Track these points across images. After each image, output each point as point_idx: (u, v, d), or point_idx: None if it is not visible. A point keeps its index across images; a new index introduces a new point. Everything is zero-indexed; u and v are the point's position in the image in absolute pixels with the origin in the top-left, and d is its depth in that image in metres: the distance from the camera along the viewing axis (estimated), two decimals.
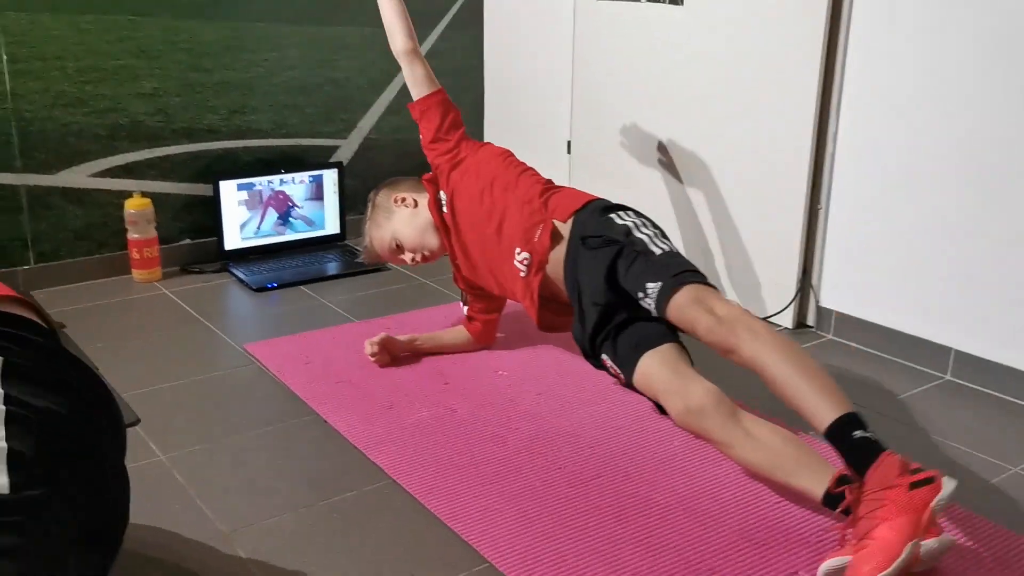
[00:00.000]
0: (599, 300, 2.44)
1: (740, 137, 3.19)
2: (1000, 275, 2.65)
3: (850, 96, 2.92)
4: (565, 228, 2.56)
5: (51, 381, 1.47)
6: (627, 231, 2.45)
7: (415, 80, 2.82)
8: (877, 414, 2.58)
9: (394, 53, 2.83)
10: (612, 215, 2.52)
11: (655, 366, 2.30)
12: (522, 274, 2.60)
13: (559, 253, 2.55)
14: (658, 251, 2.39)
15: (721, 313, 2.18)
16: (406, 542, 1.99)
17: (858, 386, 2.76)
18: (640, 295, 2.34)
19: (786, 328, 3.17)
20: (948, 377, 2.82)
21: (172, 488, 2.17)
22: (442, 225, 2.77)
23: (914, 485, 1.77)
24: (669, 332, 2.40)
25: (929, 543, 1.75)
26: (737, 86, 3.17)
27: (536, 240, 2.57)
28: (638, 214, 2.54)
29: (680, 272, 2.31)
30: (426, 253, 2.82)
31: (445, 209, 2.75)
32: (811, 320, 3.19)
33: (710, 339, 2.18)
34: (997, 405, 2.66)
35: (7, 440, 1.31)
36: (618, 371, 2.43)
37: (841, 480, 1.93)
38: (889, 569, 1.68)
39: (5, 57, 3.24)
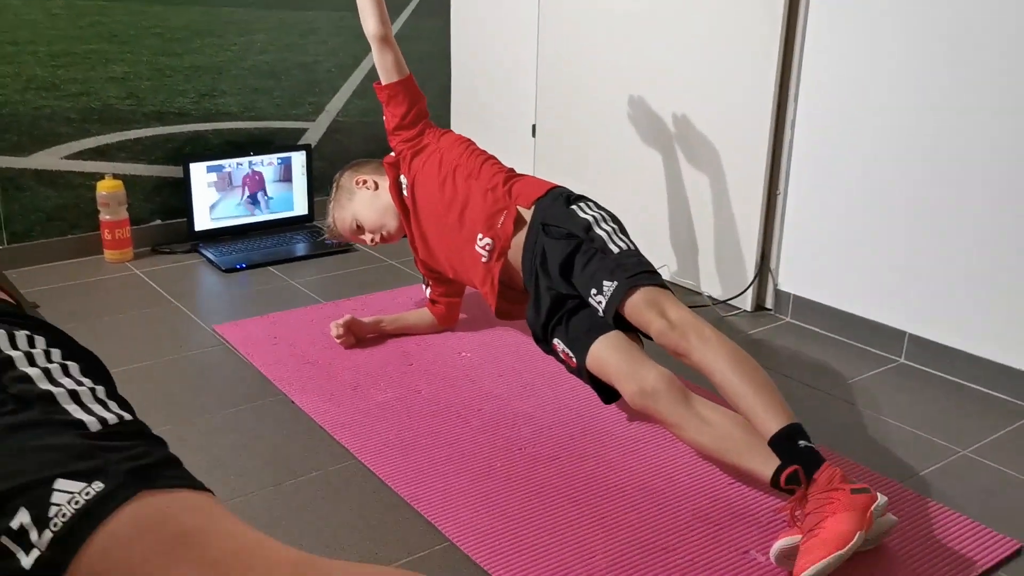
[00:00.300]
0: (553, 286, 2.50)
1: (700, 123, 3.26)
2: (953, 261, 2.73)
3: (807, 84, 2.98)
4: (527, 214, 2.62)
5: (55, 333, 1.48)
6: (587, 226, 2.49)
7: (385, 66, 2.86)
8: (832, 396, 2.67)
9: (367, 36, 2.86)
10: (574, 207, 2.56)
11: (608, 350, 2.36)
12: (483, 259, 2.66)
13: (520, 239, 2.61)
14: (616, 250, 2.44)
15: (673, 318, 2.25)
16: (370, 521, 2.06)
17: (814, 368, 2.84)
18: (593, 291, 2.39)
19: (745, 311, 3.25)
20: (902, 360, 2.90)
21: None
22: (401, 208, 2.83)
23: (855, 491, 1.88)
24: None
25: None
26: (697, 73, 3.24)
27: (499, 227, 2.63)
28: (599, 207, 2.59)
29: (636, 273, 2.37)
30: (384, 234, 2.88)
31: (405, 192, 2.81)
32: (769, 303, 3.27)
33: (662, 342, 2.26)
34: (949, 388, 2.74)
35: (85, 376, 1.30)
36: (569, 355, 2.46)
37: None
38: (843, 550, 1.78)
39: None
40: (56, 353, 1.29)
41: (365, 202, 2.88)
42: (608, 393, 2.44)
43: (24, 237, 3.49)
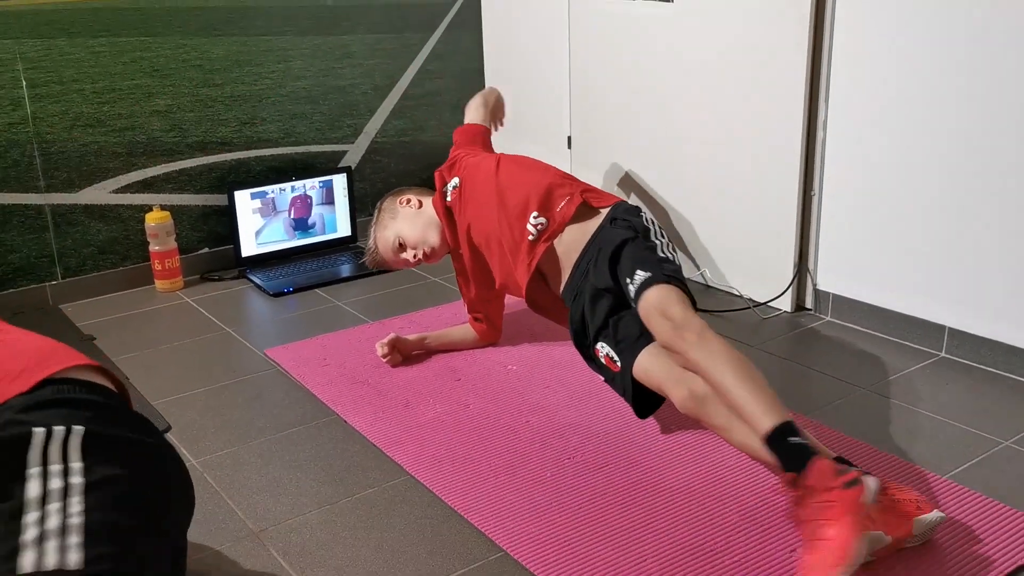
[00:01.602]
0: (598, 279, 2.54)
1: (732, 127, 3.30)
2: (991, 253, 2.75)
3: (837, 83, 3.01)
4: (597, 215, 2.69)
5: (128, 451, 1.48)
6: (647, 231, 2.59)
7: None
8: (875, 393, 2.69)
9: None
10: (644, 213, 2.68)
11: (658, 357, 2.39)
12: (531, 237, 2.70)
13: (577, 234, 2.66)
14: (660, 255, 2.52)
15: (677, 318, 2.29)
16: (425, 534, 2.12)
17: (856, 365, 2.87)
18: (628, 280, 2.45)
19: (785, 311, 3.28)
20: (943, 354, 2.92)
21: (205, 491, 2.30)
22: (445, 216, 2.90)
23: (847, 484, 1.86)
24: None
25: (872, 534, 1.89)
26: (728, 78, 3.27)
27: (558, 209, 2.69)
28: (662, 231, 2.66)
29: (670, 274, 2.42)
30: (427, 250, 2.93)
31: (450, 197, 2.87)
32: (809, 303, 3.30)
33: (662, 339, 2.31)
34: (990, 380, 2.75)
35: (84, 515, 1.33)
36: (614, 360, 2.49)
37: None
38: (850, 562, 1.78)
39: (25, 83, 3.37)
40: (75, 469, 1.34)
41: (408, 218, 2.95)
42: (642, 406, 2.48)
43: (77, 271, 3.60)
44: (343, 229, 4.07)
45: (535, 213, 2.70)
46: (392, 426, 2.58)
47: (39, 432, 1.38)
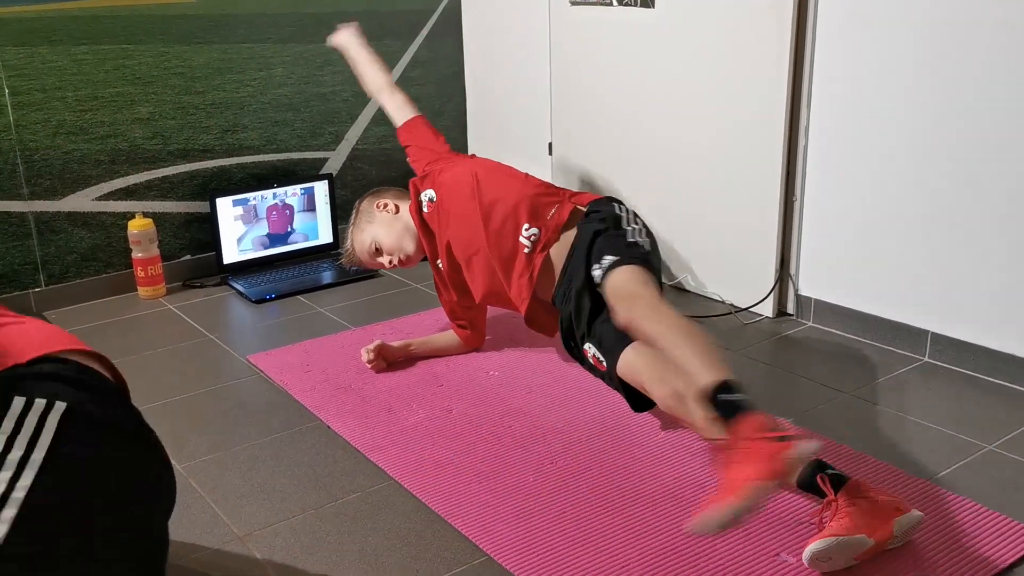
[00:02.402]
0: (581, 282, 2.56)
1: (715, 134, 3.32)
2: (973, 259, 2.77)
3: (819, 89, 3.04)
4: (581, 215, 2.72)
5: (108, 435, 1.46)
6: (619, 219, 2.62)
7: (397, 106, 3.06)
8: (858, 398, 2.71)
9: (371, 94, 3.05)
10: (616, 204, 2.70)
11: (642, 356, 2.40)
12: (526, 250, 2.71)
13: (569, 237, 2.68)
14: (629, 240, 2.55)
15: (635, 294, 2.32)
16: (409, 539, 2.12)
17: (839, 370, 2.89)
18: (595, 265, 2.47)
19: (767, 317, 3.30)
20: (926, 359, 2.94)
21: (190, 495, 2.30)
22: (421, 226, 2.91)
23: (772, 440, 1.88)
24: None
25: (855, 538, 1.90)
26: (710, 84, 3.30)
27: (549, 218, 2.70)
28: (636, 217, 2.69)
29: (634, 256, 2.46)
30: (402, 257, 2.96)
31: (426, 209, 2.88)
32: (791, 308, 3.32)
33: (620, 318, 2.33)
34: (973, 384, 2.78)
35: (28, 491, 1.31)
36: (600, 360, 2.52)
37: (814, 466, 2.07)
38: (742, 501, 1.80)
39: (7, 90, 3.36)
40: (42, 443, 1.33)
41: (385, 224, 2.96)
42: (638, 401, 2.49)
43: (61, 278, 3.59)
44: (324, 236, 4.07)
45: (526, 224, 2.71)
46: (375, 431, 2.58)
47: (19, 401, 1.38)
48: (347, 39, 3.24)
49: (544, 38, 3.91)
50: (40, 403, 1.39)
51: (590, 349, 2.54)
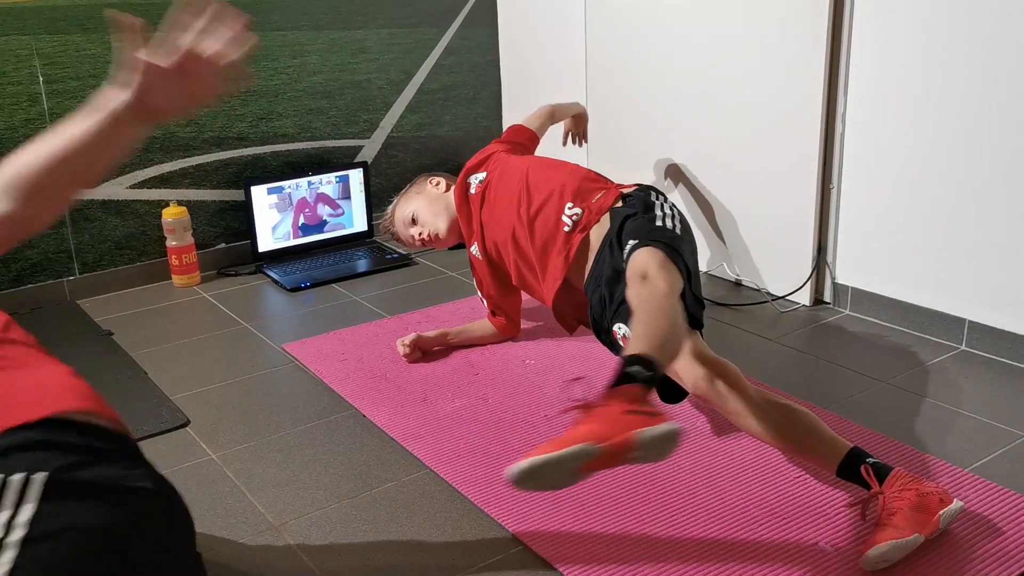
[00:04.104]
0: (615, 265, 2.52)
1: (750, 120, 3.29)
2: (1011, 246, 2.73)
3: (857, 76, 3.00)
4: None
5: (106, 498, 1.31)
6: (651, 204, 2.59)
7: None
8: (894, 386, 2.68)
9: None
10: (651, 191, 2.68)
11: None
12: (566, 228, 2.67)
13: (607, 222, 2.65)
14: (657, 224, 2.50)
15: (649, 274, 2.24)
16: (446, 528, 2.11)
17: (875, 359, 2.86)
18: (625, 250, 2.44)
19: (804, 305, 3.27)
20: (963, 347, 2.90)
21: (224, 485, 2.30)
22: (462, 205, 2.92)
23: (632, 412, 1.75)
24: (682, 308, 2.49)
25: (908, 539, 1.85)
26: (746, 71, 3.26)
27: (595, 201, 2.68)
28: (671, 205, 2.65)
29: (657, 239, 2.38)
30: (432, 232, 2.97)
31: (473, 190, 2.89)
32: (828, 296, 3.29)
33: (629, 298, 2.23)
34: (1010, 373, 2.74)
35: (14, 572, 1.19)
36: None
37: (855, 455, 2.05)
38: (550, 455, 1.70)
39: (42, 78, 3.38)
40: (21, 521, 1.21)
41: (428, 198, 3.01)
42: (669, 393, 2.46)
43: (95, 267, 3.61)
44: (359, 224, 4.07)
45: (569, 204, 2.69)
46: (411, 420, 2.58)
47: None
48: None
49: (580, 25, 3.89)
50: (16, 480, 1.26)
51: (620, 329, 2.51)
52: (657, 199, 2.64)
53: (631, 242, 2.41)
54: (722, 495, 2.18)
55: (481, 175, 2.92)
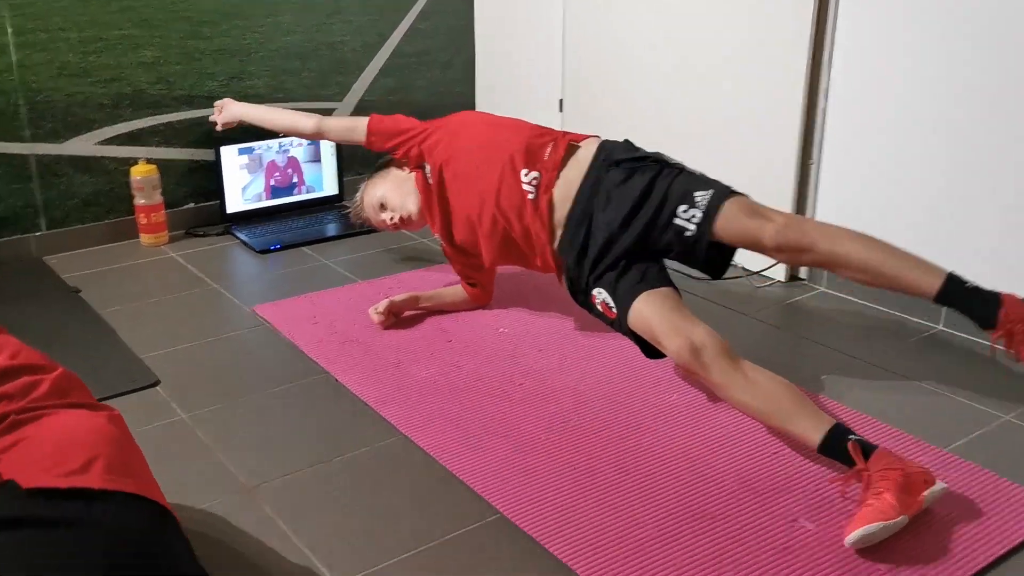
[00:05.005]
0: (613, 225, 2.48)
1: (730, 93, 3.26)
2: (991, 229, 2.73)
3: (841, 49, 2.98)
4: (585, 152, 2.63)
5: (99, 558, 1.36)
6: (660, 156, 2.56)
7: (343, 132, 3.00)
8: (871, 365, 2.68)
9: (307, 137, 3.11)
10: (639, 148, 2.63)
11: (655, 305, 2.35)
12: (531, 196, 2.61)
13: (571, 174, 2.60)
14: (698, 172, 2.51)
15: (781, 219, 2.33)
16: (420, 495, 2.09)
17: (851, 337, 2.86)
18: (683, 208, 2.41)
19: (779, 281, 3.27)
20: (940, 327, 2.91)
21: (196, 446, 2.27)
22: (425, 195, 2.85)
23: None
24: (667, 277, 2.48)
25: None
26: (728, 42, 3.24)
27: (546, 158, 2.62)
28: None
29: (727, 186, 2.45)
30: (404, 215, 2.90)
31: (430, 179, 2.81)
32: (803, 273, 3.29)
33: (780, 241, 2.31)
34: (987, 354, 2.72)
35: None
36: (610, 307, 2.46)
37: (838, 431, 2.05)
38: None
39: (11, 29, 3.29)
40: None
41: (396, 182, 2.92)
42: (651, 349, 2.44)
43: (62, 223, 3.53)
44: (330, 188, 4.01)
45: (524, 170, 2.63)
46: (384, 386, 2.54)
47: None
48: (238, 109, 3.26)
49: None
50: None
51: (599, 295, 2.48)
52: (651, 152, 2.60)
53: (701, 195, 2.42)
54: (699, 468, 2.18)
55: (426, 167, 2.83)
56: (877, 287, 2.36)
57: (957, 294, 2.25)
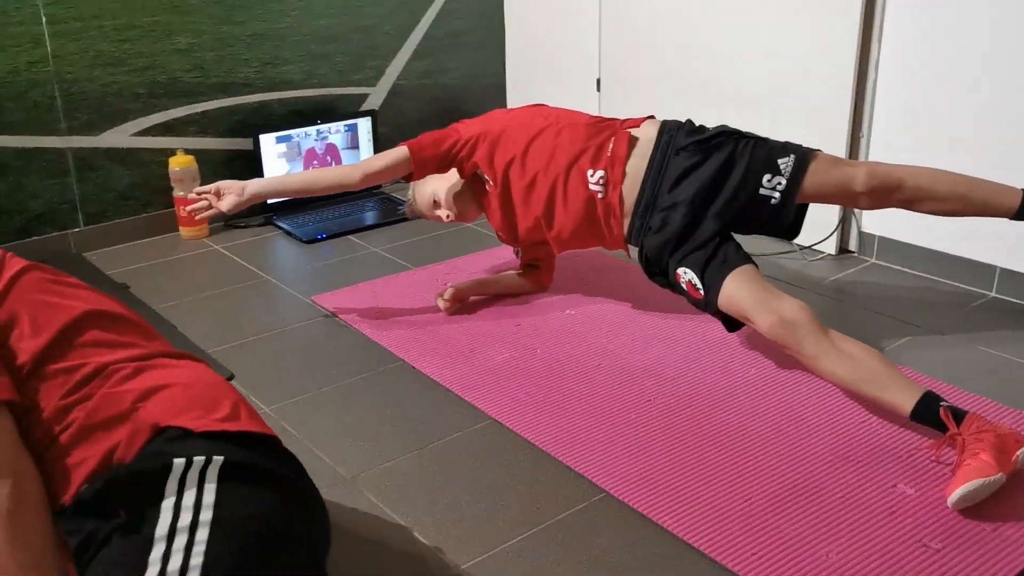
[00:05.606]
0: (695, 205, 2.47)
1: (779, 67, 3.24)
2: None
3: (893, 21, 2.97)
4: (645, 137, 2.60)
5: (268, 484, 1.43)
6: (730, 129, 2.56)
7: (387, 169, 2.70)
8: (934, 332, 2.68)
9: (356, 189, 2.74)
10: (704, 127, 2.61)
11: (743, 285, 2.36)
12: (600, 195, 2.59)
13: (635, 163, 2.58)
14: (772, 139, 2.52)
15: (865, 165, 2.44)
16: (522, 477, 2.07)
17: (905, 306, 2.86)
18: (767, 177, 2.44)
19: (830, 255, 3.26)
20: (993, 294, 2.92)
21: (287, 438, 2.22)
22: (487, 202, 2.79)
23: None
24: (746, 253, 2.47)
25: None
26: (774, 14, 3.21)
27: (610, 154, 2.59)
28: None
29: (806, 147, 2.49)
30: (456, 215, 2.83)
31: (490, 187, 2.75)
32: (853, 245, 3.28)
33: (873, 183, 2.40)
34: None
35: (205, 555, 1.30)
36: (696, 287, 2.45)
37: (930, 399, 2.06)
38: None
39: (44, 19, 3.22)
40: (207, 503, 1.33)
41: (447, 180, 2.84)
42: (733, 322, 2.45)
43: (100, 218, 3.47)
44: None
45: (590, 172, 2.60)
46: (463, 371, 2.52)
47: (179, 462, 1.36)
48: (252, 188, 2.71)
49: None
50: (199, 460, 1.37)
51: (684, 275, 2.47)
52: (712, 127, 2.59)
53: (784, 160, 2.45)
54: (791, 441, 2.17)
55: (484, 176, 2.74)
56: (961, 215, 2.47)
57: None
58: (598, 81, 3.90)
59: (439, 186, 2.84)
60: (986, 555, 1.79)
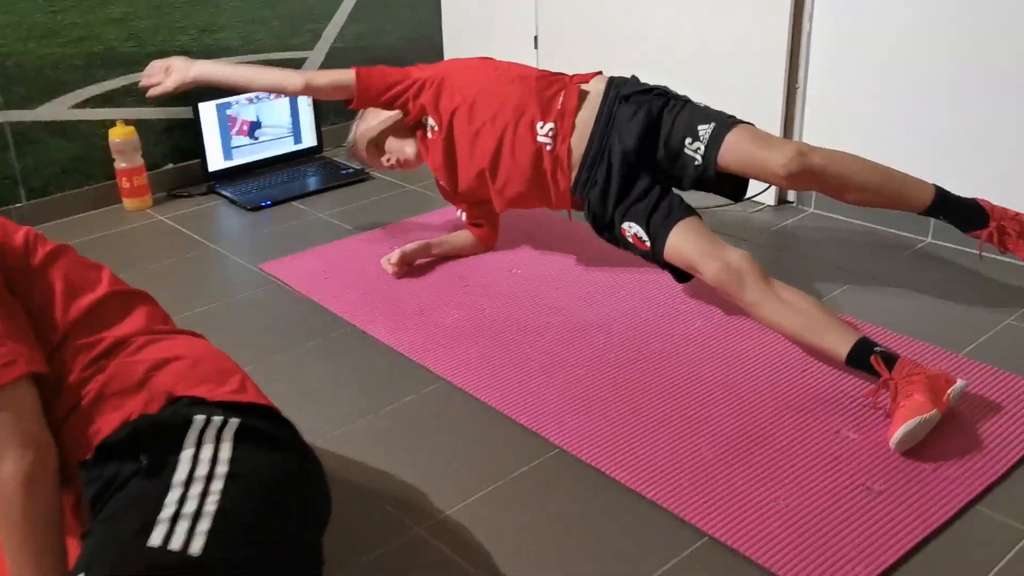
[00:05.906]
0: (630, 158, 2.53)
1: (714, 20, 3.27)
2: (978, 146, 2.80)
3: None
4: (594, 91, 2.65)
5: (278, 450, 1.52)
6: (667, 90, 2.61)
7: (329, 86, 2.75)
8: (873, 279, 2.76)
9: (293, 96, 2.73)
10: (645, 83, 2.66)
11: (688, 235, 2.43)
12: (548, 147, 2.63)
13: (583, 115, 2.62)
14: (702, 104, 2.55)
15: (789, 148, 2.40)
16: (477, 437, 2.12)
17: (844, 253, 2.94)
18: (688, 140, 2.48)
19: (769, 205, 3.32)
20: (929, 240, 2.99)
21: None
22: (430, 148, 2.81)
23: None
24: (688, 205, 2.54)
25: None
26: None
27: (560, 107, 2.63)
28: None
29: (730, 117, 2.50)
30: (401, 159, 2.89)
31: (430, 135, 2.78)
32: (791, 196, 3.34)
33: (791, 169, 2.38)
34: (977, 264, 2.82)
35: (219, 504, 1.38)
36: (642, 239, 2.51)
37: (864, 345, 2.13)
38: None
39: None
40: (223, 458, 1.42)
41: (391, 121, 2.87)
42: (682, 273, 2.53)
43: (42, 192, 3.44)
44: (308, 140, 3.96)
45: (540, 123, 2.63)
46: (413, 333, 2.55)
47: (199, 418, 1.46)
48: (197, 69, 2.82)
49: None
50: (217, 419, 1.47)
51: (630, 228, 2.53)
52: (656, 86, 2.64)
53: (704, 128, 2.47)
54: (738, 391, 2.24)
55: (430, 120, 2.77)
56: (875, 207, 2.50)
57: (946, 204, 2.43)
58: (535, 39, 3.91)
59: (382, 125, 2.86)
60: (928, 494, 1.87)
